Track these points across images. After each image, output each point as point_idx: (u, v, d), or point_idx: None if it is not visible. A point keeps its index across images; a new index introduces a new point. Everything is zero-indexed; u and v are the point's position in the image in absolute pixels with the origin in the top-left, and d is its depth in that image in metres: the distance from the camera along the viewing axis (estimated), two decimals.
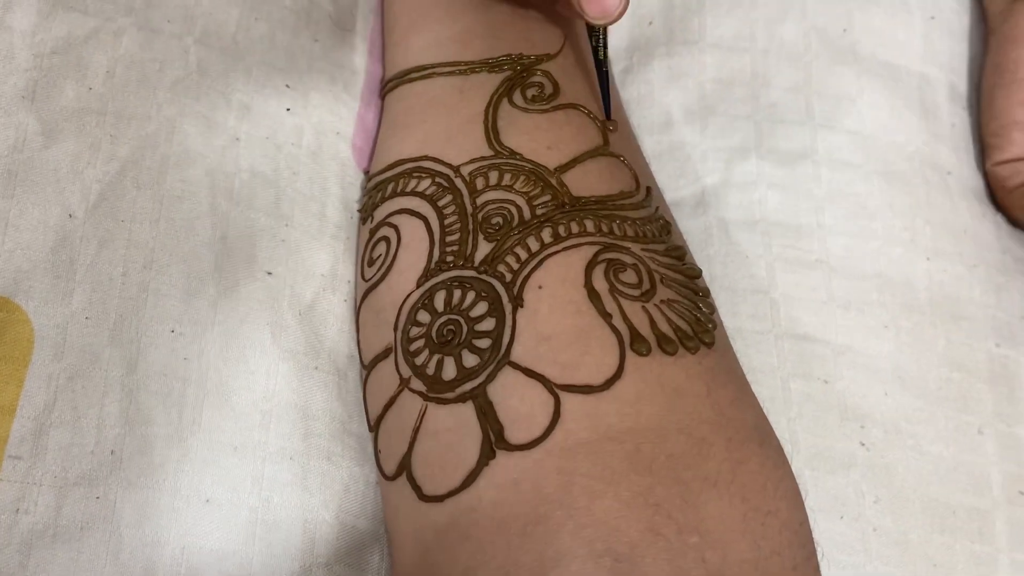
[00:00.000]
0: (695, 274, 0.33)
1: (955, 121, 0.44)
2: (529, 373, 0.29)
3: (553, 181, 0.33)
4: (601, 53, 0.35)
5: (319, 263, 0.36)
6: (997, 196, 0.43)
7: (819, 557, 0.29)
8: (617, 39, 0.43)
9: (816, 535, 0.35)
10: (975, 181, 0.44)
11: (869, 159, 0.42)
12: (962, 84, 0.45)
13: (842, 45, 0.44)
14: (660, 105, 0.42)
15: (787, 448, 0.36)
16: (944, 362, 0.40)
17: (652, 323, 0.30)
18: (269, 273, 0.35)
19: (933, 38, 0.45)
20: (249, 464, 0.33)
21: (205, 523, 0.32)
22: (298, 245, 0.36)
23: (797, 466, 0.36)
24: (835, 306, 0.39)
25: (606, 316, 0.30)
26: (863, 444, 0.38)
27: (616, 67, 0.43)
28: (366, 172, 0.39)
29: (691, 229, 0.40)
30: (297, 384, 0.34)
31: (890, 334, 0.39)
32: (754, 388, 0.36)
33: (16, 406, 0.31)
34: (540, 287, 0.30)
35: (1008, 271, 0.42)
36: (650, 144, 0.41)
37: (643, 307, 0.30)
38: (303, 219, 0.37)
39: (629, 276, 0.31)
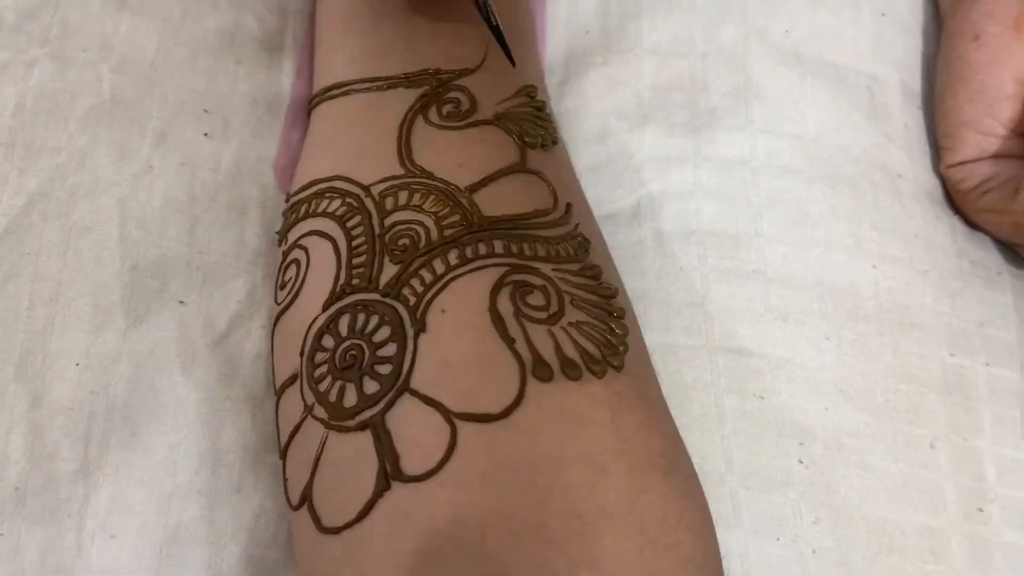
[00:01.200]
0: (610, 294, 0.32)
1: (908, 121, 0.43)
2: (428, 401, 0.28)
3: (464, 201, 0.32)
4: (493, 19, 0.33)
5: (235, 290, 0.36)
6: (953, 199, 0.42)
7: None
8: (554, 51, 0.42)
9: (750, 558, 0.34)
10: (930, 183, 0.42)
11: (812, 164, 0.40)
12: (916, 83, 0.44)
13: (784, 46, 0.42)
14: (596, 115, 0.41)
15: (720, 467, 0.35)
16: (892, 373, 0.38)
17: (557, 347, 0.29)
18: (181, 302, 0.35)
19: (884, 35, 0.44)
20: (155, 499, 0.32)
21: (110, 559, 0.31)
22: (213, 272, 0.36)
23: (731, 486, 0.35)
24: (773, 318, 0.38)
25: (509, 340, 0.29)
26: (801, 461, 0.36)
27: (552, 79, 0.42)
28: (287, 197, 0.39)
29: (625, 242, 0.38)
30: (208, 416, 0.34)
31: (831, 345, 0.38)
32: (687, 405, 0.35)
33: None
34: (443, 311, 0.29)
35: (964, 276, 0.40)
36: (587, 156, 0.40)
37: (549, 330, 0.29)
38: (220, 245, 0.36)
39: (536, 299, 0.30)
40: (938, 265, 0.40)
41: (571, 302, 0.30)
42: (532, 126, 0.35)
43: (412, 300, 0.30)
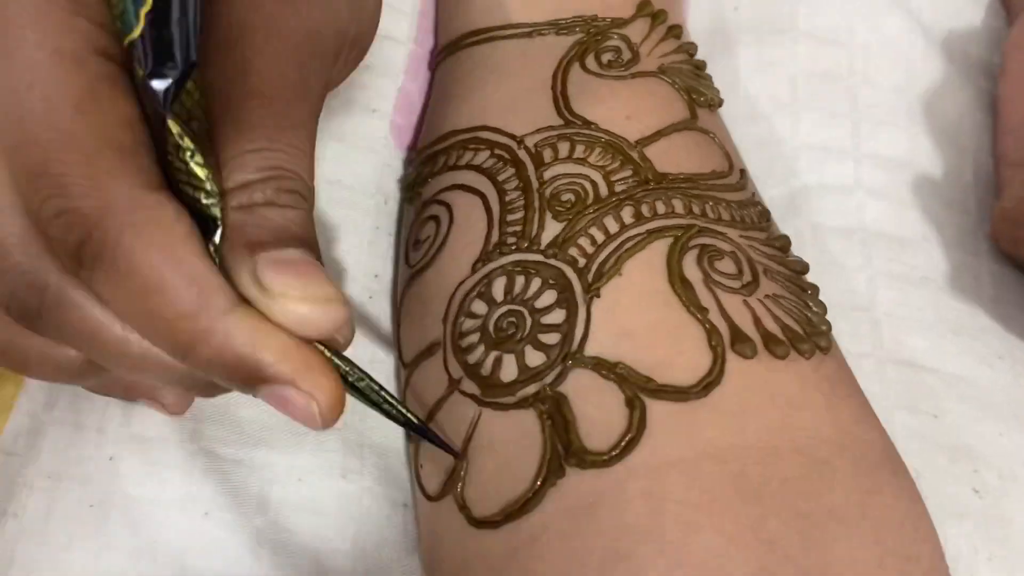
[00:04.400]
0: (802, 269, 0.28)
1: None
2: (607, 375, 0.24)
3: (634, 155, 0.28)
4: (402, 414, 0.24)
5: (343, 258, 0.31)
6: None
7: None
8: (696, 22, 0.38)
9: None
10: None
11: (976, 175, 0.37)
12: None
13: (950, 45, 0.39)
14: (745, 96, 0.37)
15: None
16: None
17: (756, 320, 0.25)
18: None
19: None
20: (254, 483, 0.28)
21: (205, 539, 0.27)
22: (320, 232, 0.31)
23: None
24: (944, 329, 0.34)
25: (701, 310, 0.24)
26: (976, 491, 0.32)
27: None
28: (408, 149, 0.34)
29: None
30: None
31: (1006, 365, 0.34)
32: None
33: (14, 403, 0.28)
34: (620, 274, 0.25)
35: None
36: (735, 137, 0.36)
37: (744, 301, 0.25)
38: (326, 208, 0.32)
39: (726, 265, 0.26)
40: None
41: (764, 272, 0.26)
42: (697, 83, 0.31)
43: (582, 262, 0.26)
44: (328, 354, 0.22)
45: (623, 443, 0.23)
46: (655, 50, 0.32)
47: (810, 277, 0.33)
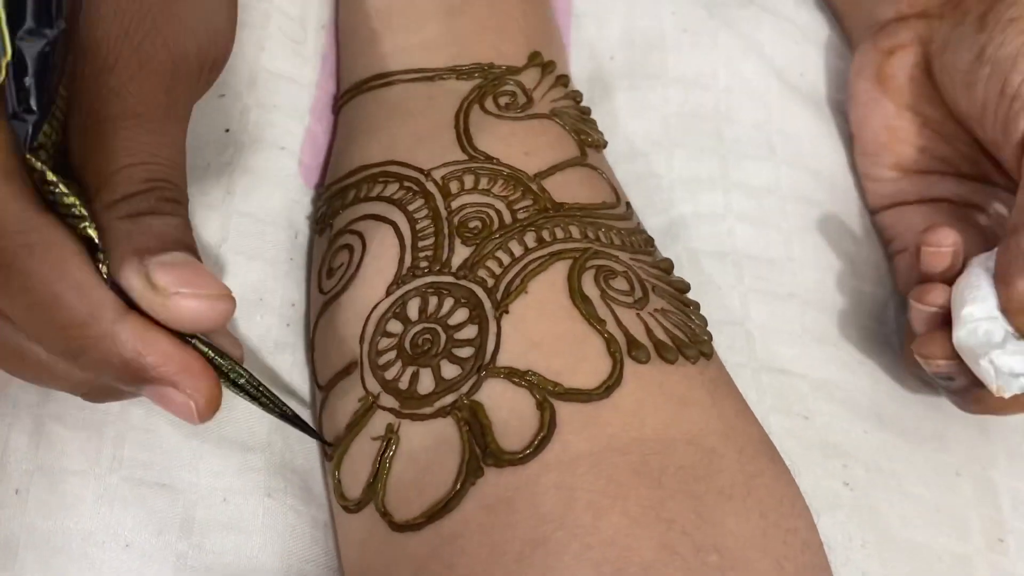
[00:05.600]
0: (684, 287, 0.31)
1: None
2: (519, 382, 0.26)
3: (534, 187, 0.31)
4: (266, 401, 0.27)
5: (258, 287, 0.33)
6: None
7: None
8: (578, 71, 0.42)
9: None
10: None
11: (830, 198, 0.41)
12: None
13: (801, 87, 0.44)
14: (624, 135, 0.41)
15: None
16: (919, 400, 0.38)
17: (648, 330, 0.28)
18: None
19: None
20: (178, 505, 0.28)
21: (123, 571, 0.27)
22: (236, 268, 0.32)
23: None
24: (810, 339, 0.38)
25: (599, 322, 0.27)
26: (847, 483, 0.35)
27: None
28: (316, 188, 0.36)
29: None
30: (229, 415, 0.30)
31: (866, 369, 0.38)
32: None
33: None
34: (526, 292, 0.28)
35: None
36: (617, 174, 0.39)
37: (637, 314, 0.28)
38: (237, 241, 0.33)
39: (620, 283, 0.28)
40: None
41: (653, 289, 0.29)
42: (584, 125, 0.34)
43: (491, 282, 0.28)
44: (211, 353, 0.24)
45: (536, 442, 0.25)
46: (546, 96, 0.35)
47: (690, 296, 0.37)
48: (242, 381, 0.26)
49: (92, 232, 0.22)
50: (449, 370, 0.27)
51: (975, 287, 0.32)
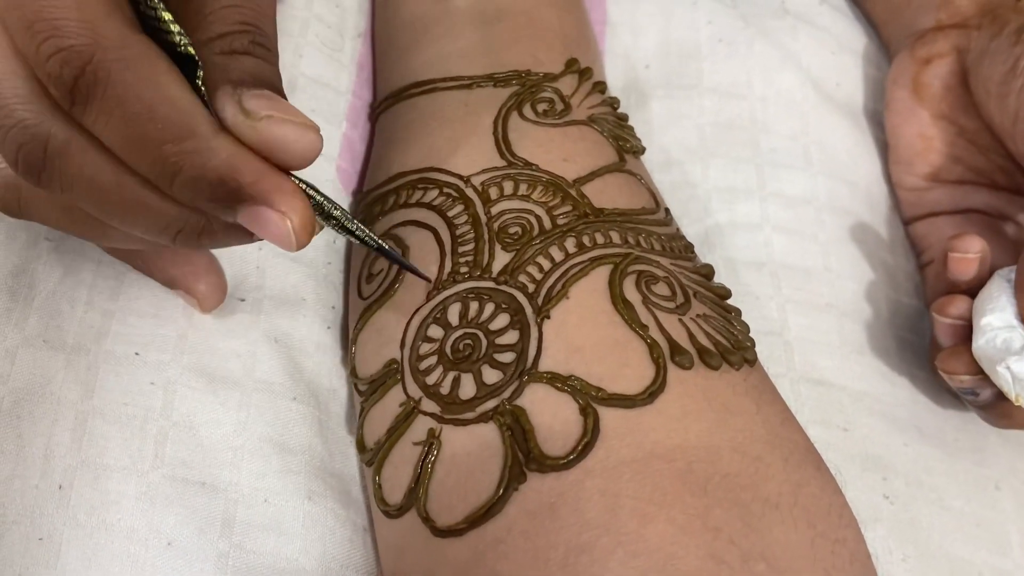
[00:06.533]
0: (726, 294, 0.31)
1: None
2: (561, 387, 0.26)
3: (573, 192, 0.30)
4: (361, 233, 0.26)
5: (299, 288, 0.33)
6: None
7: None
8: (613, 79, 0.42)
9: None
10: None
11: (868, 209, 0.41)
12: None
13: (837, 98, 0.43)
14: (659, 144, 0.41)
15: None
16: (958, 413, 0.38)
17: (691, 336, 0.27)
18: (242, 300, 0.32)
19: None
20: (219, 505, 0.28)
21: (166, 570, 0.27)
22: (275, 270, 0.33)
23: None
24: (849, 350, 0.37)
25: (642, 327, 0.27)
26: (887, 497, 0.35)
27: None
28: (354, 194, 0.36)
29: None
30: (272, 417, 0.30)
31: (905, 381, 0.37)
32: None
33: None
34: (568, 297, 0.28)
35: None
36: (654, 181, 0.39)
37: (679, 319, 0.28)
38: None
39: (661, 288, 0.28)
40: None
41: (694, 295, 0.29)
42: (622, 132, 0.34)
43: (531, 287, 0.28)
44: (303, 185, 0.24)
45: (580, 447, 0.25)
46: (584, 102, 0.35)
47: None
48: (336, 213, 0.25)
49: (190, 50, 0.22)
50: (491, 375, 0.27)
51: (995, 298, 0.33)
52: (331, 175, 0.36)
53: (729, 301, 0.31)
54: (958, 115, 0.40)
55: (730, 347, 0.28)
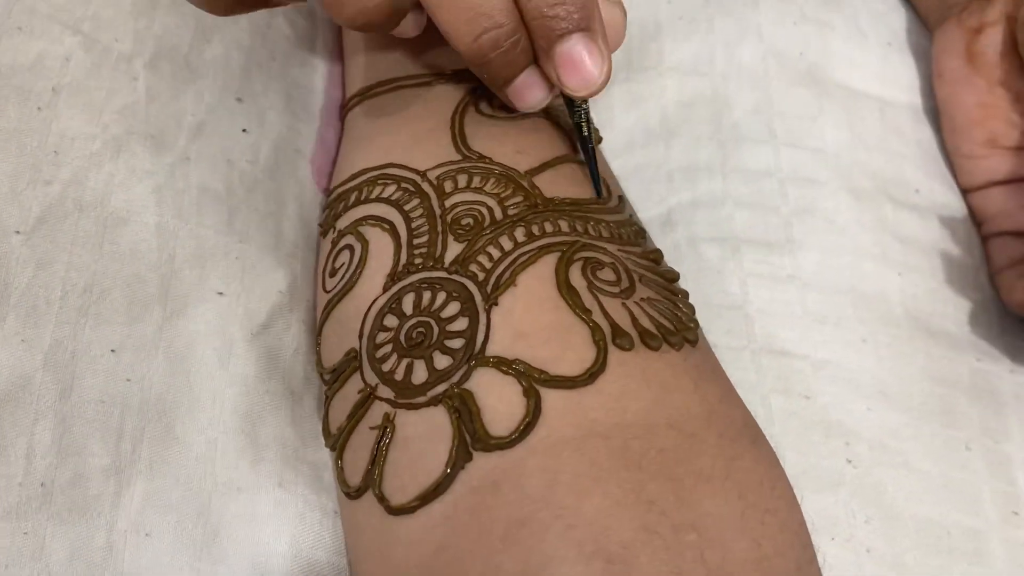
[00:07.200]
0: (673, 277, 0.32)
1: (921, 138, 0.44)
2: (507, 370, 0.27)
3: (525, 183, 0.32)
4: (585, 129, 0.32)
5: (276, 280, 0.34)
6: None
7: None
8: None
9: None
10: (947, 196, 0.44)
11: (834, 176, 0.42)
12: (926, 104, 0.46)
13: (800, 68, 0.44)
14: (621, 128, 0.41)
15: None
16: (926, 376, 0.38)
17: (633, 319, 0.28)
18: (220, 293, 0.33)
19: (892, 62, 0.46)
20: (194, 496, 0.30)
21: (144, 560, 0.29)
22: (254, 262, 0.34)
23: None
24: (811, 320, 0.38)
25: (585, 312, 0.28)
26: (850, 461, 0.36)
27: None
28: (325, 192, 0.38)
29: (661, 248, 0.38)
30: (246, 409, 0.32)
31: (869, 348, 0.38)
32: None
33: None
34: (515, 285, 0.29)
35: (982, 288, 0.42)
36: (615, 167, 0.40)
37: (623, 304, 0.29)
38: (259, 236, 0.35)
39: (607, 274, 0.29)
40: (957, 276, 0.41)
41: (639, 280, 0.30)
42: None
43: (481, 276, 0.29)
44: None
45: (522, 427, 0.26)
46: None
47: (688, 283, 0.37)
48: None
49: None
50: (441, 361, 0.28)
51: None
52: (304, 171, 0.37)
53: (691, 278, 0.32)
54: (1014, 81, 0.41)
55: (672, 328, 0.29)
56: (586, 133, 0.32)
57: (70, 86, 0.34)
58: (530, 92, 0.31)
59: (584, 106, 0.32)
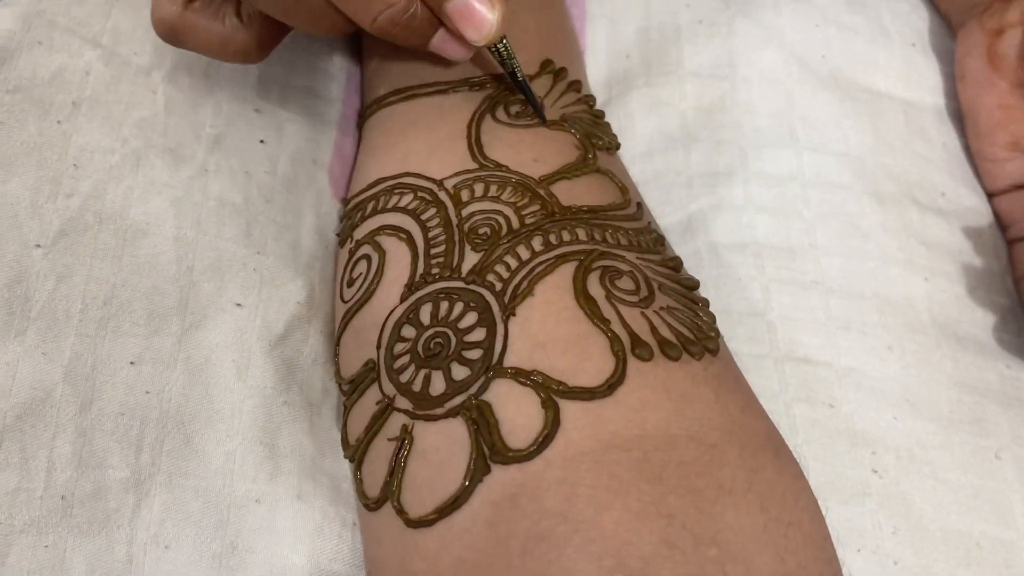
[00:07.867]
0: (693, 284, 0.31)
1: (946, 141, 0.44)
2: (525, 382, 0.27)
3: (541, 192, 0.31)
4: (509, 65, 0.33)
5: (294, 291, 0.34)
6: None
7: None
8: (595, 73, 0.42)
9: None
10: (973, 200, 0.43)
11: (858, 180, 0.41)
12: (951, 105, 0.45)
13: (822, 71, 0.43)
14: (641, 135, 0.41)
15: None
16: (954, 384, 0.38)
17: (653, 328, 0.28)
18: (239, 305, 0.33)
19: (916, 64, 0.45)
20: (212, 508, 0.30)
21: (163, 572, 0.29)
22: (272, 274, 0.34)
23: None
24: (835, 327, 0.37)
25: (604, 322, 0.28)
26: (876, 471, 0.35)
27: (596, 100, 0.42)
28: (343, 202, 0.38)
29: (681, 255, 0.38)
30: (264, 421, 0.32)
31: (895, 356, 0.38)
32: None
33: None
34: (533, 295, 0.29)
35: (1009, 292, 0.41)
36: (634, 173, 0.40)
37: (642, 313, 0.28)
38: (276, 247, 0.35)
39: (625, 283, 0.29)
40: (985, 281, 0.40)
41: (659, 288, 0.30)
42: (595, 129, 0.35)
43: (499, 286, 0.29)
44: None
45: (540, 439, 0.26)
46: (558, 102, 0.35)
47: (709, 290, 0.37)
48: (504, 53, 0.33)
49: None
50: (459, 372, 0.28)
51: None
52: (323, 182, 0.37)
53: (712, 285, 0.32)
54: None
55: (692, 338, 0.28)
56: (512, 70, 0.33)
57: (90, 99, 0.35)
58: (449, 49, 0.32)
59: (500, 45, 0.33)
